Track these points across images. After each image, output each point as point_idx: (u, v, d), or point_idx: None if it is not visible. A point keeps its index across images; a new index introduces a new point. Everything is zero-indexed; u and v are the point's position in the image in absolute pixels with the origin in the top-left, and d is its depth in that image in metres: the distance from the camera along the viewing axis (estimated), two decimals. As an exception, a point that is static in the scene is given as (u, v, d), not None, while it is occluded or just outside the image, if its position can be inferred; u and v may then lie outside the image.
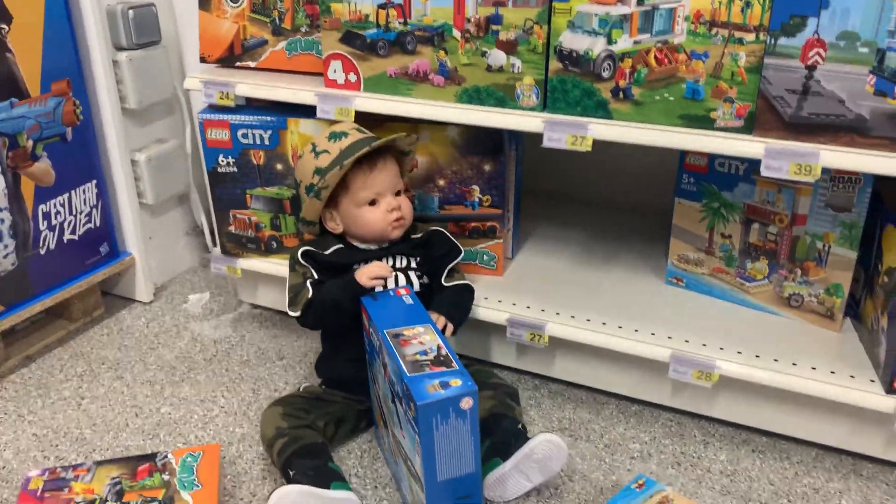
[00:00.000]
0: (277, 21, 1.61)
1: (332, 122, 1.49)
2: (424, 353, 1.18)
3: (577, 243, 1.80)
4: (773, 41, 1.15)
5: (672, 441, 1.46)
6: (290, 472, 1.27)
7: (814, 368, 1.34)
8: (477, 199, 1.58)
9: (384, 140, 1.38)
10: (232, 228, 1.72)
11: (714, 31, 1.19)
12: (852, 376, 1.32)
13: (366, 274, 1.35)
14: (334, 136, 1.41)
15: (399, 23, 1.41)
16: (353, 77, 1.49)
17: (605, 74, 1.28)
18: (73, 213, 1.72)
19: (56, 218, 1.68)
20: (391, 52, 1.44)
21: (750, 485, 1.35)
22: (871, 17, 1.08)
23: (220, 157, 1.64)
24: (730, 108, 1.21)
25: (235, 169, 1.65)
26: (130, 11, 1.72)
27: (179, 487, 1.25)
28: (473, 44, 1.36)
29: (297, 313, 1.39)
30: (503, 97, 1.37)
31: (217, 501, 1.23)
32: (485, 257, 1.64)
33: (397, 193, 1.43)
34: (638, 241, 1.79)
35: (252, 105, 1.64)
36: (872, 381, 1.30)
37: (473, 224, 1.61)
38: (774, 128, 1.19)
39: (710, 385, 1.36)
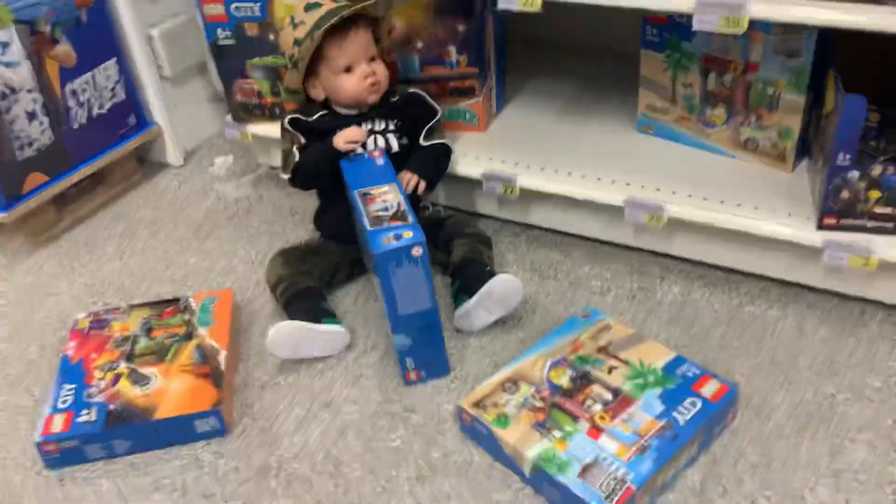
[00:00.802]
0: None
1: (313, -5, 1.59)
2: (386, 209, 1.34)
3: (562, 96, 1.88)
4: None
5: (632, 278, 1.61)
6: (288, 311, 1.50)
7: (756, 208, 1.44)
8: (454, 60, 1.68)
9: (353, 9, 1.48)
10: (239, 97, 1.88)
11: None
12: (790, 214, 1.42)
13: (342, 138, 1.50)
14: (310, 7, 1.51)
15: None
16: (327, -52, 1.57)
17: (550, -65, 1.33)
18: (98, 89, 1.91)
19: (83, 95, 1.87)
20: (357, -78, 1.50)
21: (696, 314, 1.50)
22: None
23: (219, 31, 1.77)
24: (665, -37, 1.26)
25: (234, 41, 1.78)
26: None
27: (197, 324, 1.50)
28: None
29: (288, 176, 1.57)
30: (461, -38, 1.44)
31: (228, 334, 1.47)
32: (467, 115, 1.76)
33: (372, 59, 1.55)
34: (622, 91, 1.85)
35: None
36: (808, 218, 1.41)
37: (453, 84, 1.71)
38: (706, -18, 1.24)
39: (660, 226, 1.49)
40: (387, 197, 1.37)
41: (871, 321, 1.44)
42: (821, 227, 1.37)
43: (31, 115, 1.76)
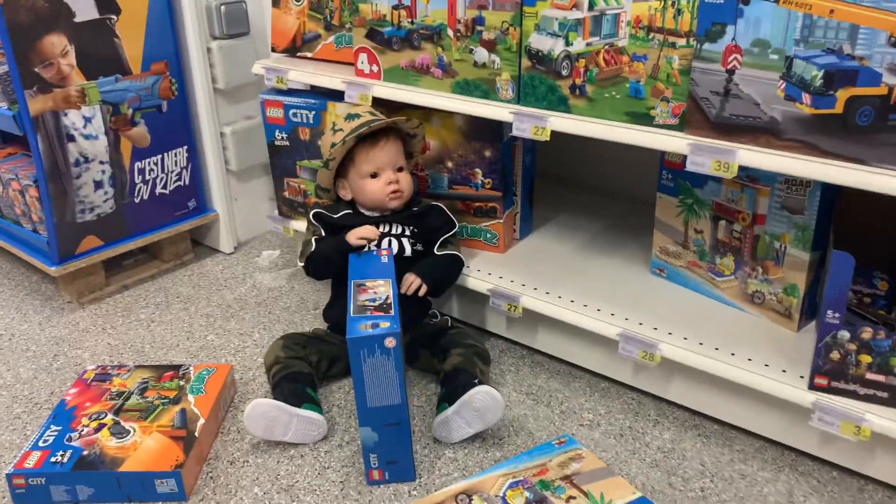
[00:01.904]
0: (328, 18, 1.88)
1: (356, 106, 1.74)
2: (374, 300, 1.39)
3: (586, 231, 1.92)
4: (699, 46, 1.25)
5: (626, 416, 1.57)
6: (274, 391, 1.54)
7: (749, 360, 1.40)
8: (479, 182, 1.76)
9: (383, 122, 1.61)
10: (287, 194, 2.02)
11: (651, 35, 1.30)
12: (784, 371, 1.37)
13: (354, 234, 1.59)
14: (350, 117, 1.65)
15: (408, 22, 1.62)
16: (375, 68, 1.72)
17: (564, 72, 1.42)
18: (165, 171, 2.10)
19: (149, 174, 2.06)
20: (403, 48, 1.65)
21: (681, 462, 1.44)
22: (780, 26, 1.16)
23: (277, 133, 1.94)
24: (666, 106, 1.32)
25: (288, 143, 1.94)
26: (223, 7, 2.06)
27: (188, 392, 1.56)
28: (463, 42, 1.55)
29: (302, 263, 1.66)
30: (487, 90, 1.55)
31: (212, 404, 1.52)
32: (487, 235, 1.82)
33: (399, 170, 1.65)
34: (639, 231, 1.88)
35: (309, 89, 1.92)
36: (803, 377, 1.35)
37: (477, 204, 1.79)
38: (702, 127, 1.28)
39: (654, 365, 1.47)
40: (379, 289, 1.42)
41: (870, 500, 1.34)
42: (812, 387, 1.31)
43: (98, 184, 1.94)
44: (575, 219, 1.99)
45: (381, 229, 1.65)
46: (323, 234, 1.67)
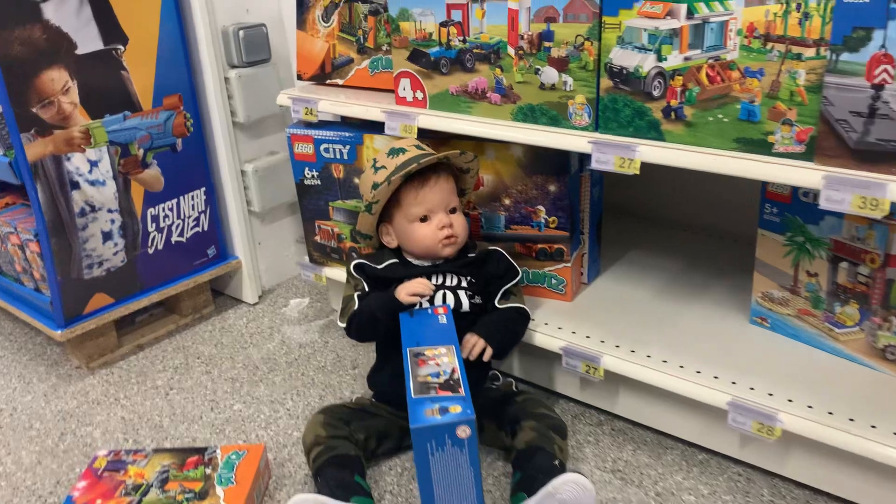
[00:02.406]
0: (362, 40, 1.66)
1: (399, 139, 1.51)
2: (437, 374, 1.15)
3: (662, 271, 1.68)
4: (834, 57, 1.01)
5: (734, 498, 1.31)
6: (318, 481, 1.30)
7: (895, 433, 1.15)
8: (543, 220, 1.53)
9: (433, 157, 1.38)
10: (318, 238, 1.79)
11: (769, 45, 1.06)
12: (943, 447, 1.12)
13: (405, 290, 1.35)
14: (393, 153, 1.42)
15: (459, 41, 1.40)
16: (419, 94, 1.50)
17: (656, 93, 1.19)
18: (182, 217, 1.88)
19: (164, 221, 1.84)
20: (452, 70, 1.43)
21: (812, 558, 1.19)
22: (950, 27, 0.92)
23: (306, 170, 1.72)
24: (789, 131, 1.08)
25: (319, 182, 1.71)
26: (241, 32, 1.85)
27: (216, 482, 1.32)
28: (527, 61, 1.32)
29: (343, 324, 1.42)
30: (556, 116, 1.32)
31: (244, 499, 1.28)
32: (552, 281, 1.58)
33: (452, 211, 1.42)
34: (729, 273, 1.64)
35: (340, 121, 1.70)
36: (968, 456, 1.10)
37: (540, 245, 1.56)
38: (838, 155, 1.04)
39: (772, 440, 1.22)
40: (442, 360, 1.19)
41: None
42: None
43: (107, 235, 1.72)
44: (649, 258, 1.75)
45: (433, 281, 1.42)
46: (366, 288, 1.43)
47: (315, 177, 1.72)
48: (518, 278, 1.46)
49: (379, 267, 1.45)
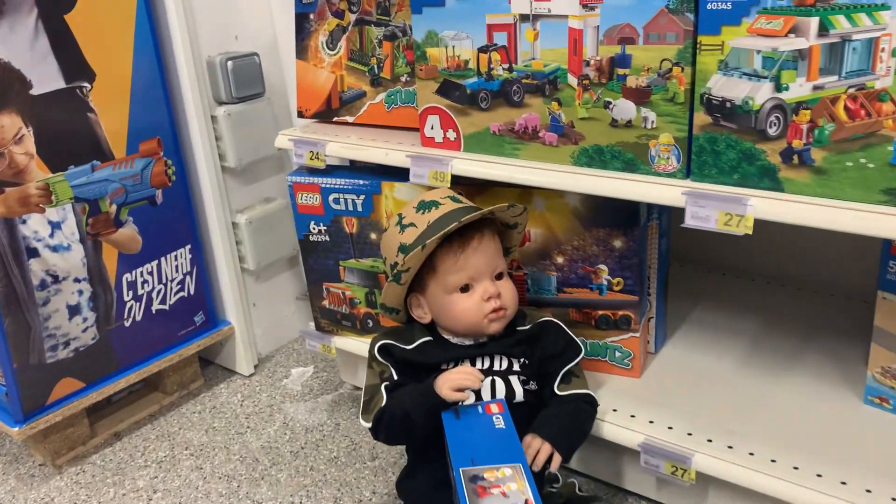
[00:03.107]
0: (376, 70, 1.40)
1: (429, 188, 1.24)
2: (505, 508, 0.88)
3: (742, 335, 1.42)
4: None
5: None
6: None
7: None
8: (605, 282, 1.26)
9: (478, 213, 1.11)
10: (326, 303, 1.52)
11: (940, 67, 0.81)
12: None
13: (448, 383, 1.07)
14: (424, 207, 1.15)
15: (503, 69, 1.14)
16: (451, 134, 1.23)
17: (773, 131, 0.93)
18: (164, 281, 1.59)
19: (143, 287, 1.56)
20: (494, 105, 1.17)
21: None
22: None
23: (312, 224, 1.45)
24: (965, 179, 0.82)
25: (327, 237, 1.44)
26: (230, 63, 1.58)
27: None
28: (594, 92, 1.06)
29: (369, 424, 1.14)
30: (632, 159, 1.06)
31: None
32: (616, 353, 1.31)
33: (498, 276, 1.15)
34: (828, 338, 1.38)
35: (349, 166, 1.44)
36: None
37: (601, 312, 1.29)
38: None
39: (930, 569, 0.95)
40: (509, 487, 0.91)
41: None
42: None
43: (74, 309, 1.44)
44: (724, 317, 1.48)
45: (479, 365, 1.15)
46: (394, 376, 1.16)
47: (323, 232, 1.44)
48: (580, 357, 1.19)
49: (409, 347, 1.17)
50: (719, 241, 1.61)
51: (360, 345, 1.50)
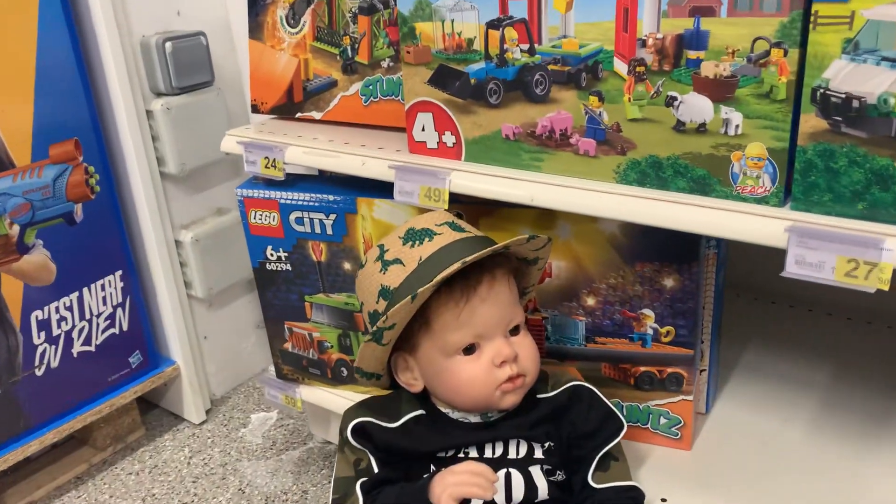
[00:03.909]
0: (349, 53, 1.09)
1: (421, 211, 0.94)
2: None
3: (813, 387, 1.13)
4: None
5: None
6: None
7: None
8: (650, 332, 0.97)
9: (488, 249, 0.81)
10: (288, 346, 1.21)
11: None
12: None
13: (450, 490, 0.78)
14: (413, 237, 0.85)
15: (521, 51, 0.83)
16: (449, 139, 0.93)
17: (927, 142, 0.64)
18: (87, 316, 1.28)
19: (59, 326, 1.25)
20: (509, 100, 0.86)
21: None
22: None
23: (269, 250, 1.14)
24: None
25: (289, 266, 1.14)
26: (169, 44, 1.27)
27: None
28: (651, 84, 0.76)
29: (339, 536, 0.84)
30: (705, 178, 0.76)
31: None
32: (661, 420, 1.02)
33: (513, 331, 0.85)
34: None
35: (318, 176, 1.14)
36: None
37: (643, 369, 0.99)
38: None
39: None
40: None
41: None
42: None
43: (-38, 361, 1.13)
44: (790, 361, 1.19)
45: (489, 453, 0.86)
46: (374, 466, 0.86)
47: (283, 259, 1.14)
48: (622, 434, 0.90)
49: (394, 426, 0.88)
50: (773, 260, 1.32)
51: (332, 398, 1.20)
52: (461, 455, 0.86)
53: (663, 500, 0.94)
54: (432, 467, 0.86)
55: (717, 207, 0.75)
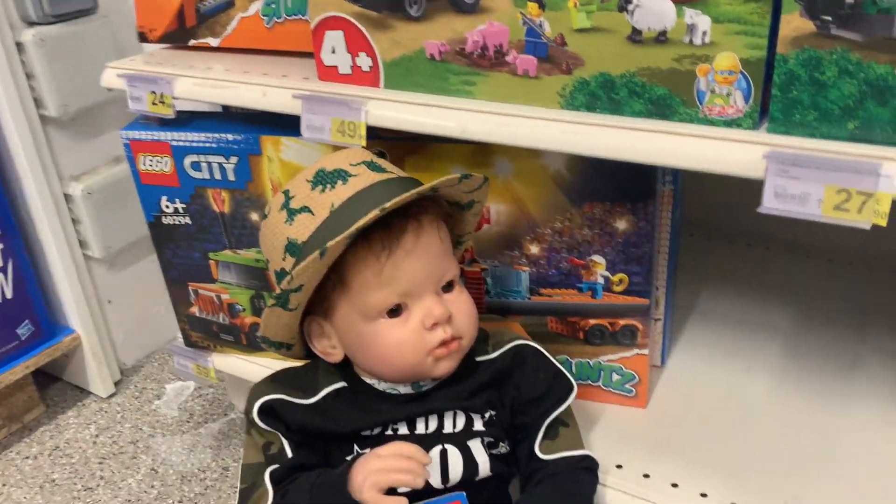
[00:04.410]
0: (246, -36, 0.93)
1: (335, 148, 0.80)
2: None
3: (776, 333, 1.04)
4: None
5: None
6: None
7: None
8: (601, 280, 0.86)
9: (414, 191, 0.68)
10: (195, 310, 1.07)
11: None
12: None
13: (373, 478, 0.66)
14: (324, 180, 0.72)
15: (445, -51, 0.69)
16: (365, 61, 0.79)
17: (937, 43, 0.52)
18: (-41, 285, 1.11)
19: (-77, 298, 1.07)
20: (432, 11, 0.72)
21: None
22: None
23: (164, 201, 0.99)
24: None
25: (188, 219, 0.99)
26: (37, -38, 1.08)
27: None
28: (601, -16, 0.63)
29: (249, 532, 0.72)
30: (666, 98, 0.64)
31: None
32: (614, 377, 0.92)
33: (446, 287, 0.73)
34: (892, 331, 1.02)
35: (222, 112, 0.99)
36: None
37: (594, 321, 0.89)
38: None
39: None
40: None
41: None
42: None
43: None
44: (746, 305, 1.10)
45: (421, 429, 0.74)
46: (287, 450, 0.73)
47: (181, 211, 0.98)
48: (572, 397, 0.79)
49: (309, 403, 0.75)
50: (730, 194, 1.22)
51: (248, 367, 1.07)
52: (389, 433, 0.74)
53: (618, 466, 0.84)
54: (356, 448, 0.74)
55: (681, 133, 0.63)
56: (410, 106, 0.75)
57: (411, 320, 0.71)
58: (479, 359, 0.78)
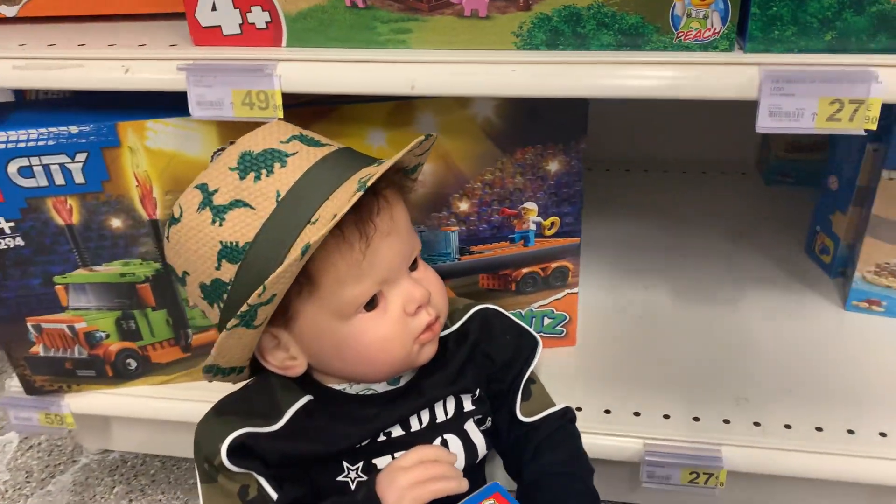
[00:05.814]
0: None
1: (238, 126, 0.67)
2: None
3: (655, 249, 1.10)
4: None
5: None
6: None
7: None
8: (533, 227, 0.82)
9: (389, 161, 0.59)
10: (38, 349, 0.86)
11: None
12: None
13: (409, 497, 0.57)
14: (254, 166, 0.59)
15: None
16: (260, 17, 0.66)
17: (915, -52, 0.54)
18: None
19: None
20: (353, -51, 0.61)
21: None
22: None
23: (-18, 222, 0.77)
24: None
25: (21, 240, 0.78)
26: None
27: None
28: None
29: None
30: (639, 26, 0.60)
31: None
32: (546, 321, 0.90)
33: (412, 265, 0.65)
34: (751, 229, 1.12)
35: (57, 100, 0.78)
36: None
37: (526, 270, 0.85)
38: None
39: None
40: None
41: None
42: None
43: None
44: (625, 227, 1.14)
45: (414, 426, 0.67)
46: (266, 488, 0.62)
47: (7, 232, 0.77)
48: (540, 350, 0.76)
49: (277, 427, 0.64)
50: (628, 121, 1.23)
51: (117, 401, 0.89)
52: (382, 438, 0.65)
53: (579, 409, 0.83)
54: (345, 465, 0.64)
55: (659, 61, 0.60)
56: (338, 64, 0.64)
57: (391, 309, 0.62)
58: (442, 334, 0.71)
